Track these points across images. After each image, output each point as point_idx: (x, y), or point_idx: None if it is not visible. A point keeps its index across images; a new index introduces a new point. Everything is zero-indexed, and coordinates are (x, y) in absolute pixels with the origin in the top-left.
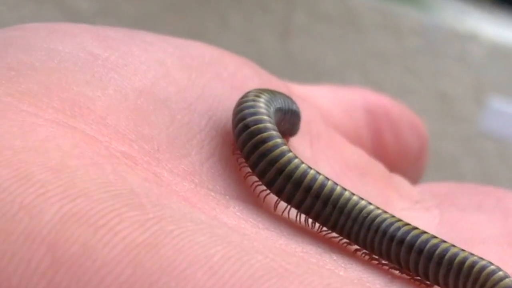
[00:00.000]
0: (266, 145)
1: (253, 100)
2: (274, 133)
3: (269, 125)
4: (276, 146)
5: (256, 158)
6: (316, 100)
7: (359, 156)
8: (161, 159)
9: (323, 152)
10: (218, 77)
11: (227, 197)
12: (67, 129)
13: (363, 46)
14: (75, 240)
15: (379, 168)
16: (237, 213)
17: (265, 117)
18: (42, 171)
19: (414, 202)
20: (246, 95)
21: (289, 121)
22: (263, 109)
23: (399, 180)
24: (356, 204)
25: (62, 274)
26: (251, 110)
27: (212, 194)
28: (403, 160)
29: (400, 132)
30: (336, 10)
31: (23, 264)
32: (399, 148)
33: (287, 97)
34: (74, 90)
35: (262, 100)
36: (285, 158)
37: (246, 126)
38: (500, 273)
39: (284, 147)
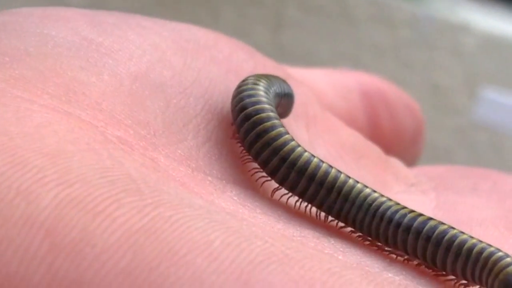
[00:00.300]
0: (269, 134)
1: (253, 88)
2: (277, 122)
3: (271, 114)
4: (280, 135)
5: (260, 147)
6: (311, 83)
7: (355, 139)
8: (158, 144)
9: (319, 135)
10: (213, 60)
11: (224, 181)
12: (63, 115)
13: (356, 38)
14: (74, 225)
15: (375, 150)
16: (234, 198)
17: (267, 106)
18: (38, 157)
19: (410, 185)
20: (245, 82)
21: (284, 104)
22: (264, 97)
23: (395, 163)
24: (360, 191)
25: (62, 259)
26: (252, 99)
27: (209, 178)
28: (399, 142)
29: (395, 114)
30: (328, 2)
31: (21, 249)
32: (395, 130)
33: (283, 81)
34: (68, 76)
35: (261, 87)
36: (288, 147)
37: (248, 116)
38: (508, 259)
39: (288, 136)
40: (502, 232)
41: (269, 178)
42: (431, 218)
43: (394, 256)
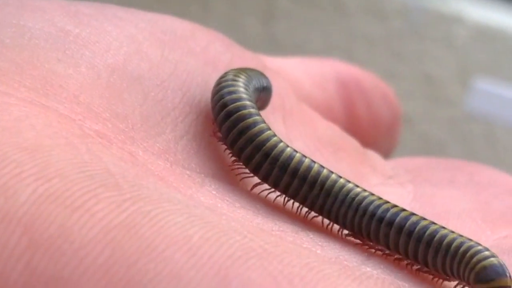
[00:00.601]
0: (251, 131)
1: (233, 85)
2: (258, 118)
3: (252, 110)
4: (262, 131)
5: (242, 144)
6: (288, 72)
7: (333, 132)
8: (136, 138)
9: (296, 128)
10: (191, 52)
11: (203, 175)
12: (40, 108)
13: (347, 29)
14: (52, 221)
15: (352, 143)
16: (213, 192)
17: (248, 102)
18: (16, 151)
19: (387, 177)
20: (224, 78)
21: (263, 98)
22: (244, 94)
23: (373, 155)
24: (343, 186)
25: (40, 256)
26: (233, 96)
27: (188, 172)
28: (376, 131)
29: (372, 103)
30: None
31: None
32: (372, 119)
33: (261, 74)
34: (45, 68)
35: (241, 82)
36: (271, 143)
37: (230, 113)
38: (486, 252)
39: (270, 132)
40: (479, 224)
41: (251, 175)
42: (413, 214)
43: (373, 250)
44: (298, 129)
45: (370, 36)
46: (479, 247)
